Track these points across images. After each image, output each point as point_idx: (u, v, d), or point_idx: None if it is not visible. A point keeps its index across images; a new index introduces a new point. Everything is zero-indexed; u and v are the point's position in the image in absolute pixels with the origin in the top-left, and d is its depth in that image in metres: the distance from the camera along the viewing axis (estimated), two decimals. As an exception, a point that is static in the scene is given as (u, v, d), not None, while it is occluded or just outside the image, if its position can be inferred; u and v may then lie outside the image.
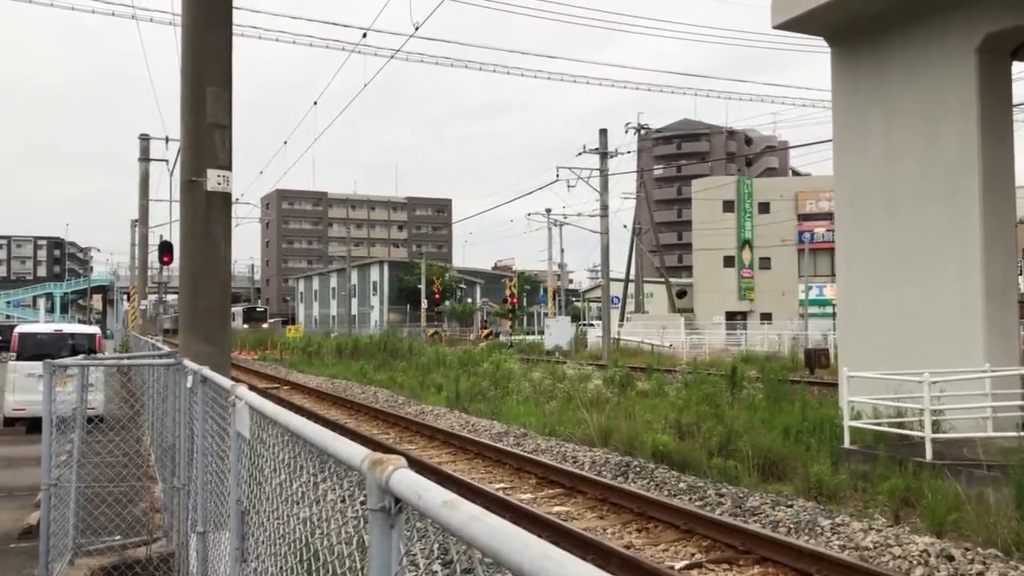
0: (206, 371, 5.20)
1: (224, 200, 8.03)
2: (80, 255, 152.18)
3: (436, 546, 7.86)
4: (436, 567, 6.65)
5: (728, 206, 63.58)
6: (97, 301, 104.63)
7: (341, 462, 1.86)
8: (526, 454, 12.87)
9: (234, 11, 8.33)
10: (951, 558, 7.39)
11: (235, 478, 3.74)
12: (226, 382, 4.13)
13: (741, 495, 9.99)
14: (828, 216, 55.53)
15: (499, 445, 13.78)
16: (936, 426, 11.44)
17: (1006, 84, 14.35)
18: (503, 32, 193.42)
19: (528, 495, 10.68)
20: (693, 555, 8.04)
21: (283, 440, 3.10)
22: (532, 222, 57.96)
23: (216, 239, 7.96)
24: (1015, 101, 15.28)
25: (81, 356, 9.49)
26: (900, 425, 12.16)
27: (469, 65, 43.19)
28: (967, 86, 13.59)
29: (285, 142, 32.88)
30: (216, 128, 7.89)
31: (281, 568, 3.03)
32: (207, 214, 7.90)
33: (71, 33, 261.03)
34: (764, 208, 64.06)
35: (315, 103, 26.03)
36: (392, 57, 23.46)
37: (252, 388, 4.09)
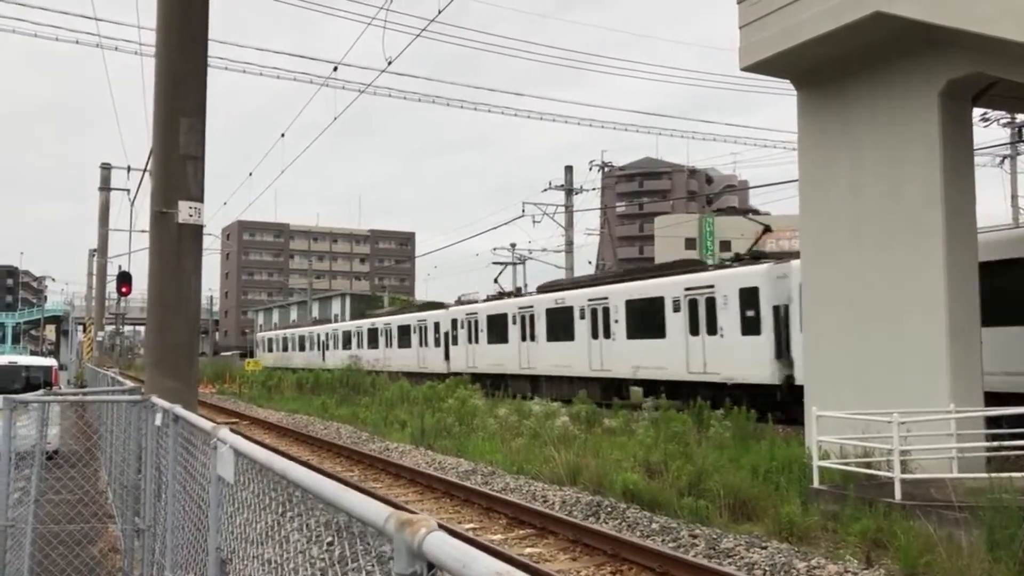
0: (179, 409, 5.03)
1: (195, 233, 7.86)
2: (34, 284, 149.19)
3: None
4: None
5: (690, 243, 64.21)
6: (50, 331, 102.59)
7: (357, 519, 1.74)
8: (495, 493, 12.68)
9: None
10: (928, 601, 7.35)
11: (215, 524, 3.58)
12: (206, 423, 3.98)
13: (715, 536, 9.90)
14: (789, 255, 56.22)
15: (467, 484, 13.57)
16: (903, 466, 11.46)
17: (967, 127, 14.65)
18: (474, 69, 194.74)
19: (499, 536, 10.50)
20: (669, 598, 7.93)
21: (268, 483, 2.97)
22: (497, 256, 57.92)
23: (186, 272, 7.78)
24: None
25: (41, 391, 9.21)
26: (868, 465, 12.17)
27: (437, 101, 43.28)
28: (930, 128, 13.85)
29: (250, 174, 32.58)
30: (188, 159, 7.75)
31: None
32: (177, 247, 7.73)
33: (35, 59, 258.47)
34: (725, 246, 64.71)
35: (283, 135, 25.89)
36: (362, 92, 23.42)
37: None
